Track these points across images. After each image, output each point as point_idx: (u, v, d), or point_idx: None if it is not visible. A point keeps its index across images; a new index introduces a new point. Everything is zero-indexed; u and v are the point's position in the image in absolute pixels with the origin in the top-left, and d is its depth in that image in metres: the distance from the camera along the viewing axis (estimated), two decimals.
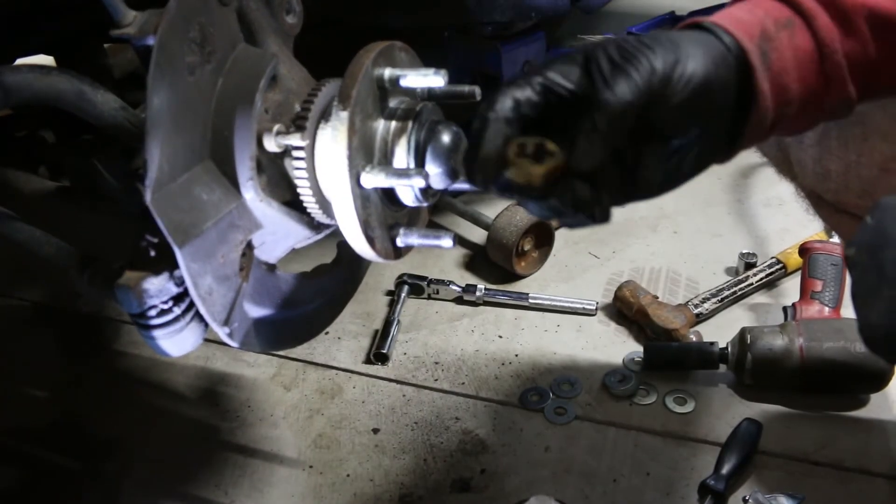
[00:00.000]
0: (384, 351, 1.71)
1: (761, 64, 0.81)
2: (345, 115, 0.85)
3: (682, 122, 0.79)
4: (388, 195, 0.95)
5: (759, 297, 1.83)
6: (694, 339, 1.66)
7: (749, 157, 2.36)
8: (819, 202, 1.15)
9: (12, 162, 1.24)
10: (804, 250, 1.78)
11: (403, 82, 0.92)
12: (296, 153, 0.90)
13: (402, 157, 0.92)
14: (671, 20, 2.81)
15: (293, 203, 0.94)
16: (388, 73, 0.91)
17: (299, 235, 0.98)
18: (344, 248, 1.11)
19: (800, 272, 1.77)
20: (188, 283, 0.84)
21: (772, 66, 0.82)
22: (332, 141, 0.86)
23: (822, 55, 0.84)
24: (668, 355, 1.63)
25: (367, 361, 1.73)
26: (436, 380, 1.67)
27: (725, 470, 1.35)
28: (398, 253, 0.99)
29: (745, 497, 1.32)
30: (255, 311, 0.97)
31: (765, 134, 0.86)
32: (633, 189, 0.83)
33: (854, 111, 0.95)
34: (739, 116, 0.83)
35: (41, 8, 1.13)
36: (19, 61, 1.16)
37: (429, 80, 0.92)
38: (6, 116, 1.27)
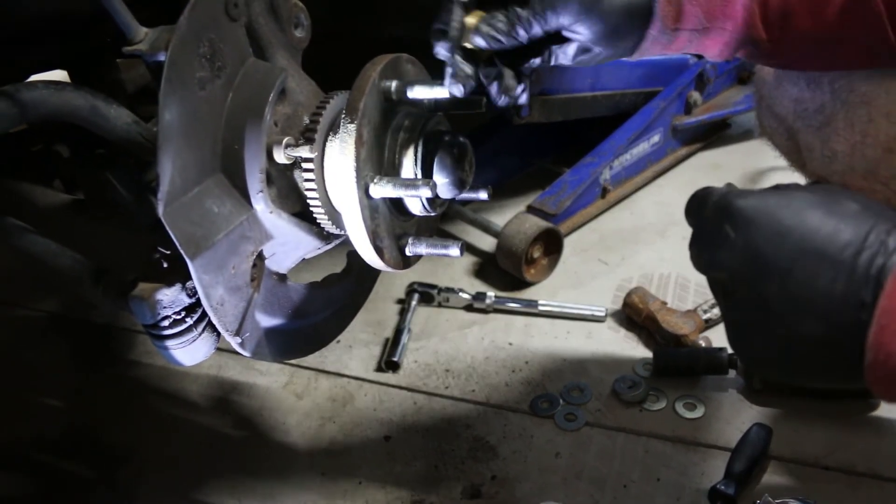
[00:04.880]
0: (395, 359, 1.72)
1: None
2: (353, 127, 0.87)
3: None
4: (397, 205, 0.97)
5: None
6: (703, 344, 1.66)
7: (758, 161, 2.38)
8: None
9: (28, 176, 1.26)
10: None
11: (410, 94, 0.93)
12: (305, 165, 0.92)
13: (410, 167, 0.94)
14: None
15: (303, 214, 0.96)
16: (395, 85, 0.93)
17: (309, 246, 1.00)
18: (354, 257, 1.13)
19: None
20: (200, 293, 0.85)
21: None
22: (341, 153, 0.88)
23: None
24: (678, 361, 1.63)
25: (379, 369, 1.74)
26: (446, 387, 1.67)
27: (736, 475, 1.35)
28: (407, 262, 1.00)
29: (755, 502, 1.32)
30: (267, 321, 0.99)
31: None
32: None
33: (859, 93, 1.05)
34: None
35: (56, 25, 1.15)
36: (34, 77, 1.17)
37: (435, 91, 0.93)
38: (22, 131, 1.28)
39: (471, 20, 0.98)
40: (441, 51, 0.98)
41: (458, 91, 0.95)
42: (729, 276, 0.79)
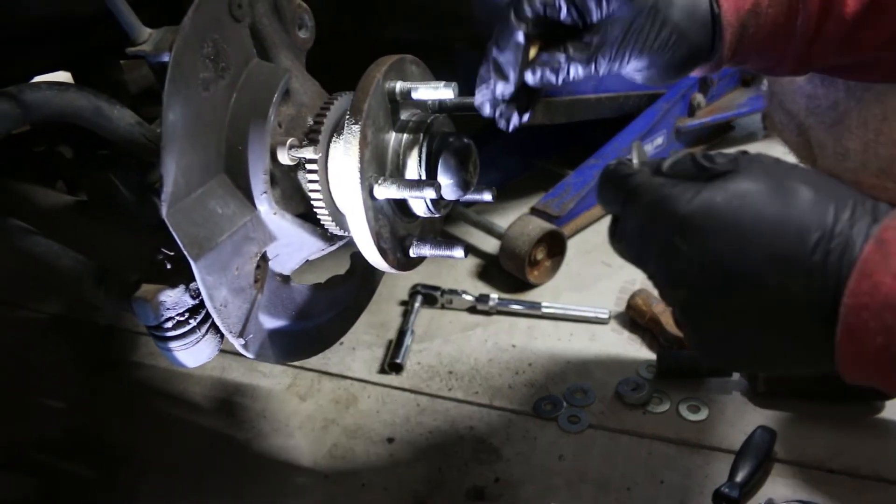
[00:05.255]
0: (398, 361, 1.72)
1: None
2: (357, 128, 0.87)
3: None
4: (401, 206, 0.96)
5: None
6: None
7: None
8: None
9: (31, 177, 1.26)
10: None
11: (414, 95, 0.93)
12: (309, 166, 0.92)
13: (414, 168, 0.93)
14: None
15: (307, 215, 0.96)
16: (399, 86, 0.93)
17: (313, 247, 0.99)
18: (357, 259, 1.12)
19: None
20: (204, 295, 0.85)
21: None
22: (345, 154, 0.87)
23: None
24: (681, 363, 1.63)
25: (382, 371, 1.74)
26: (450, 389, 1.67)
27: (740, 478, 1.34)
28: (411, 264, 1.00)
29: None
30: (270, 323, 0.98)
31: (733, 46, 0.95)
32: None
33: (874, 91, 1.02)
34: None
35: (59, 26, 1.14)
36: (38, 79, 1.17)
37: (439, 92, 0.93)
38: (25, 132, 1.28)
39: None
40: (498, 92, 0.94)
41: (489, 112, 0.95)
42: (687, 293, 0.74)
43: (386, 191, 0.89)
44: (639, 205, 0.76)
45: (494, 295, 1.88)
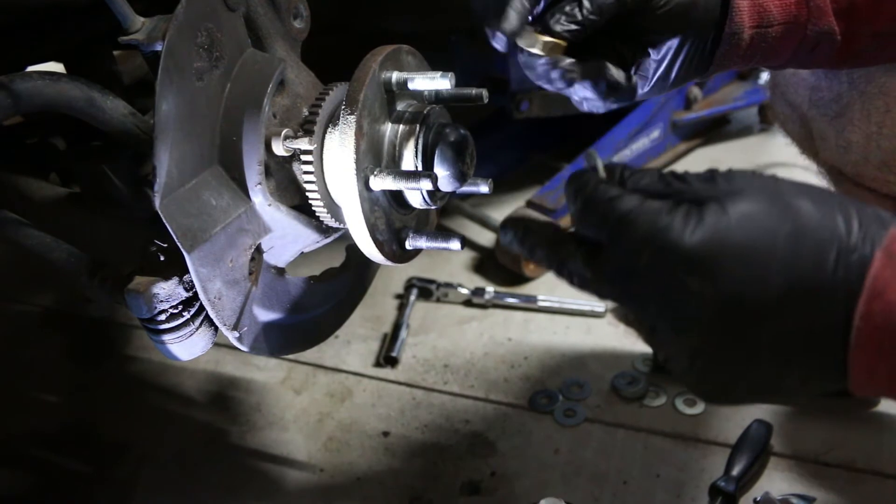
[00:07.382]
0: (394, 354, 1.71)
1: None
2: (352, 118, 0.86)
3: (664, 29, 0.92)
4: (397, 198, 0.96)
5: None
6: None
7: (761, 158, 2.37)
8: (839, 178, 1.17)
9: (23, 168, 1.24)
10: None
11: (411, 85, 0.92)
12: (304, 157, 0.91)
13: (410, 159, 0.93)
14: None
15: (302, 207, 0.95)
16: (395, 76, 0.92)
17: (308, 239, 0.99)
18: (353, 251, 1.12)
19: None
20: (198, 287, 0.84)
21: None
22: (340, 145, 0.87)
23: None
24: None
25: (377, 365, 1.73)
26: (445, 383, 1.67)
27: (736, 471, 1.34)
28: (407, 256, 0.99)
29: (755, 498, 1.31)
30: (265, 316, 0.98)
31: (744, 52, 0.94)
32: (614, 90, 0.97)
33: (877, 83, 1.01)
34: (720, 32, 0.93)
35: (51, 15, 1.13)
36: (30, 68, 1.16)
37: (436, 83, 0.92)
38: (17, 123, 1.27)
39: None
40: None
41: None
42: (700, 337, 0.65)
43: (382, 182, 0.88)
44: (631, 237, 0.66)
45: (490, 288, 1.87)
